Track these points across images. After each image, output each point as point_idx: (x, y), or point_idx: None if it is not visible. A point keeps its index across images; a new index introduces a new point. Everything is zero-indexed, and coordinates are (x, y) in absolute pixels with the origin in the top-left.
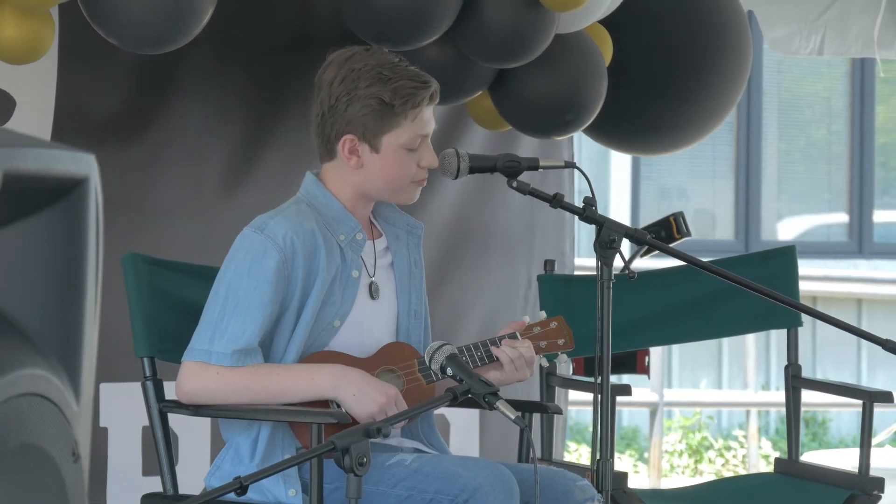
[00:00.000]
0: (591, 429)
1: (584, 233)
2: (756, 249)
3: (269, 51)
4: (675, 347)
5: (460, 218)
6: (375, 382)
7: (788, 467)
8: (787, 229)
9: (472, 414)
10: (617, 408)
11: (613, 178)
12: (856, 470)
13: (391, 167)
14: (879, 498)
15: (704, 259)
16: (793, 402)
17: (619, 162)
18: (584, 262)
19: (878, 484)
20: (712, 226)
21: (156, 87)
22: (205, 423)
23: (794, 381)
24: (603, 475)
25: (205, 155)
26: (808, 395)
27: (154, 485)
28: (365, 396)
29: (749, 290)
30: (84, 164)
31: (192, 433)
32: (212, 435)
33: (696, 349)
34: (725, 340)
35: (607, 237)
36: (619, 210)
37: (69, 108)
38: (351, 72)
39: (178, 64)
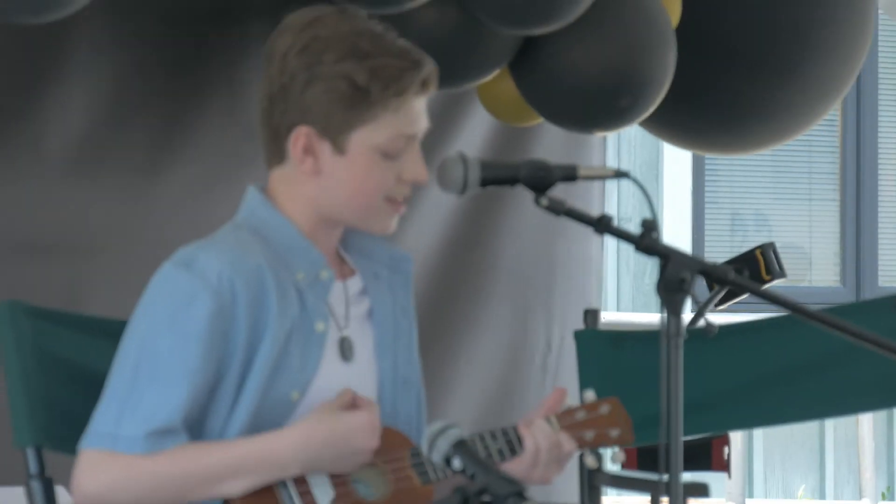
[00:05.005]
0: None
1: (610, 278)
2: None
3: (187, 18)
4: (759, 439)
5: (449, 251)
6: (350, 432)
7: None
8: None
9: None
10: None
11: (666, 198)
12: None
13: (359, 176)
14: None
15: None
16: None
17: (675, 175)
18: (612, 316)
19: None
20: (808, 266)
21: (32, 69)
22: None
23: None
24: None
25: (95, 162)
26: None
27: None
28: (351, 456)
29: (879, 351)
30: None
31: None
32: None
33: (789, 440)
34: (830, 430)
35: (675, 275)
36: (674, 243)
37: None
38: (314, 40)
39: (63, 38)
